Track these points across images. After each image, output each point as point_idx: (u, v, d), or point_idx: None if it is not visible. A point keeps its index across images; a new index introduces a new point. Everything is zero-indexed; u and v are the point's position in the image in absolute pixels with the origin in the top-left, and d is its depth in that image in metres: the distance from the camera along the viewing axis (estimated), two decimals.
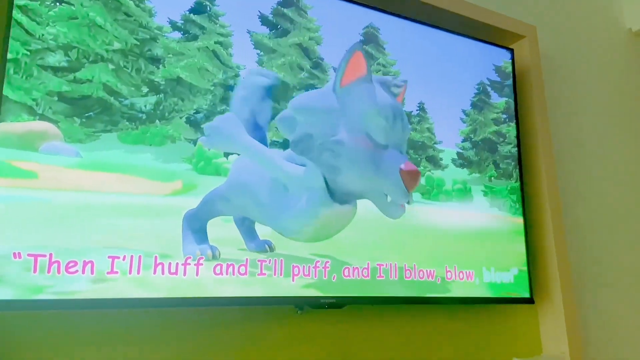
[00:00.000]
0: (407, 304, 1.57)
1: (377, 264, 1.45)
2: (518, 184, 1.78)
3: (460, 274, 1.58)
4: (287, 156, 1.38)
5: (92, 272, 1.10)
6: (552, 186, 1.88)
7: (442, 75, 1.70)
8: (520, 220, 1.75)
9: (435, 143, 1.63)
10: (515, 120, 1.83)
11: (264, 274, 1.29)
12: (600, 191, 2.16)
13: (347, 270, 1.40)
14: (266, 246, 1.34)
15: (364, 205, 1.42)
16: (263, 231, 1.34)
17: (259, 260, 1.29)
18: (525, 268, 1.71)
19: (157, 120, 1.26)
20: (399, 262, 1.48)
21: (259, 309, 1.36)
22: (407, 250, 1.51)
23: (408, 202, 1.40)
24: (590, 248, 2.04)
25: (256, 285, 1.27)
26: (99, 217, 1.14)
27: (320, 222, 1.37)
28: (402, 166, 1.33)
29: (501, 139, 1.78)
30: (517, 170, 1.80)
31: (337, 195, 1.37)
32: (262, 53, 1.44)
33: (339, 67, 1.37)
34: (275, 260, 1.32)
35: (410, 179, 1.34)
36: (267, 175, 1.36)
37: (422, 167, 1.60)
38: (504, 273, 1.67)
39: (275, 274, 1.30)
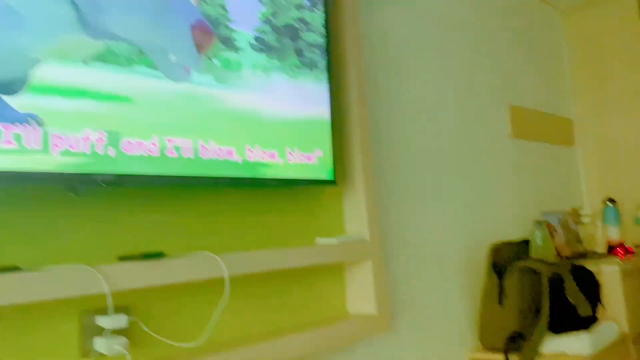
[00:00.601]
0: (205, 185, 1.50)
1: (168, 140, 1.34)
2: (324, 73, 1.81)
3: (263, 154, 1.56)
4: None
5: None
6: (359, 74, 1.94)
7: None
8: (325, 106, 1.79)
9: (229, 21, 1.56)
10: (323, 8, 1.83)
11: (12, 143, 1.09)
12: (405, 81, 2.28)
13: (128, 144, 1.27)
14: (29, 118, 1.09)
15: (149, 72, 1.28)
16: (20, 102, 1.11)
17: (2, 127, 1.08)
18: (329, 151, 1.76)
19: None
20: (193, 139, 1.39)
21: (24, 189, 1.18)
22: (203, 127, 1.42)
23: (198, 69, 1.25)
24: (392, 134, 2.17)
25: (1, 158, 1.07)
26: None
27: (60, 49, 1.12)
28: (195, 23, 1.15)
29: (304, 26, 1.78)
30: (324, 59, 1.82)
31: (92, 28, 1.14)
32: None
33: None
34: (27, 126, 1.11)
35: (202, 39, 1.16)
36: None
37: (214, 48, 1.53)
38: (308, 154, 1.69)
39: (28, 145, 1.11)
